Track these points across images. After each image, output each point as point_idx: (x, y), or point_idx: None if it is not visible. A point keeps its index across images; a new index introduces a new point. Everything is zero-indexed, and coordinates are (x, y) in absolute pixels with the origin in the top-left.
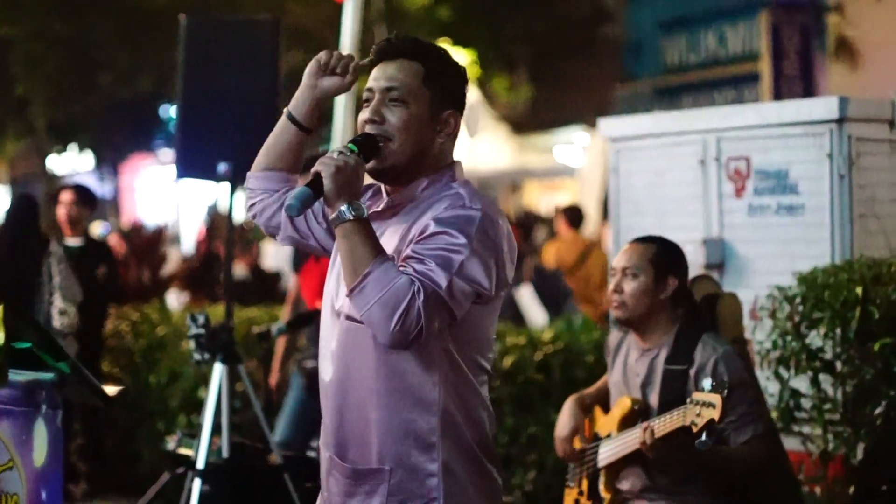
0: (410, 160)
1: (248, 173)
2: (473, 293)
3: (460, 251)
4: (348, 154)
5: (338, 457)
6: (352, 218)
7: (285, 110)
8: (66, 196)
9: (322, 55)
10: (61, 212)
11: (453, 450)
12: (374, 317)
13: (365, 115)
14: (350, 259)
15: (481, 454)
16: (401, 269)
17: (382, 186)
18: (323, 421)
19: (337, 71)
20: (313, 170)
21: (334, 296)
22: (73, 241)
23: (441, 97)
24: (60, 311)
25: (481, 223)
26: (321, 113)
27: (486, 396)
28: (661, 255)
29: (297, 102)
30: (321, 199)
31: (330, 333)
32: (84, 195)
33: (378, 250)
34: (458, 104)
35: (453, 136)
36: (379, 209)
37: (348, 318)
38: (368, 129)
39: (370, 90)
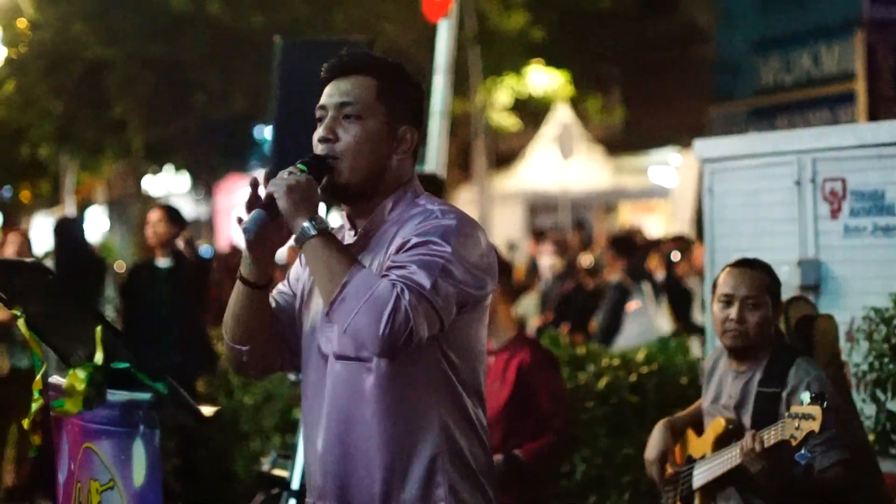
0: (366, 178)
1: (230, 344)
2: (457, 294)
3: (442, 255)
4: (298, 174)
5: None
6: (316, 233)
7: (238, 274)
8: (153, 216)
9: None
10: (149, 231)
11: (458, 472)
12: (360, 324)
13: (318, 133)
14: (324, 273)
15: (480, 474)
16: (382, 277)
17: (345, 221)
18: (313, 473)
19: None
20: (265, 192)
21: (319, 339)
22: (162, 262)
23: (397, 112)
24: None
25: (459, 230)
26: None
27: (483, 419)
28: (773, 282)
29: (245, 267)
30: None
31: (319, 382)
32: (171, 214)
33: (352, 259)
34: (415, 120)
35: (411, 152)
36: (350, 242)
37: (339, 357)
38: (320, 149)
39: (323, 108)
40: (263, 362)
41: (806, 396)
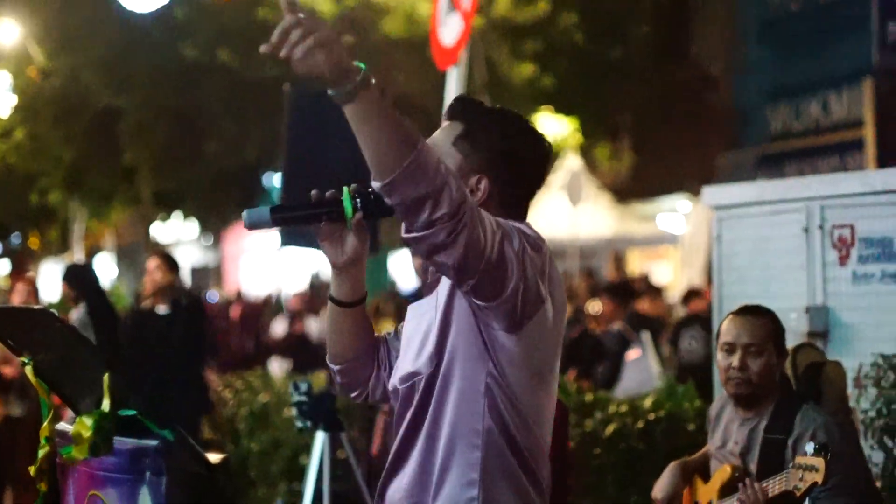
0: None
1: (332, 366)
2: (513, 252)
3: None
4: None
5: None
6: (360, 79)
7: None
8: (150, 264)
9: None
10: (146, 280)
11: (496, 482)
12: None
13: None
14: (390, 127)
15: (529, 485)
16: None
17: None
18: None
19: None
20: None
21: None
22: (161, 309)
23: (473, 160)
24: None
25: (520, 231)
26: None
27: (532, 450)
28: (777, 329)
29: (334, 285)
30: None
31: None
32: (167, 262)
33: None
34: (498, 173)
35: (484, 204)
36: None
37: (402, 381)
38: None
39: None
40: (359, 386)
41: (810, 447)
